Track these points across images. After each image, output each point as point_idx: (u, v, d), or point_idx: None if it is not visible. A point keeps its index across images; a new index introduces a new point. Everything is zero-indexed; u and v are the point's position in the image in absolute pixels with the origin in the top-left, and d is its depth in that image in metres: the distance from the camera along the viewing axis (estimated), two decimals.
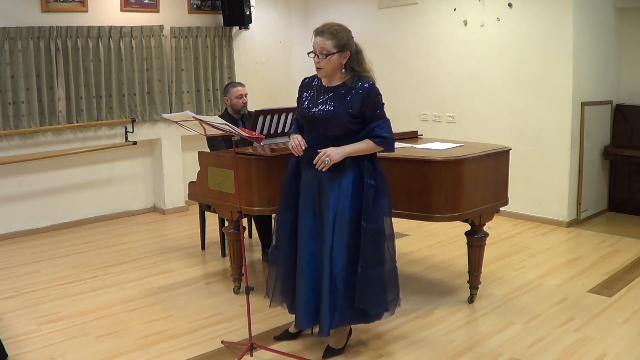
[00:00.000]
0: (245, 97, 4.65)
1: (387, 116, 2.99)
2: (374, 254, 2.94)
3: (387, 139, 2.92)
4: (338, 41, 2.86)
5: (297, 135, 3.02)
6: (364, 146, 2.91)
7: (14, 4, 5.29)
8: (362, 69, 2.95)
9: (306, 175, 3.02)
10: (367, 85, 2.90)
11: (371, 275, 2.94)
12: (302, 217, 3.02)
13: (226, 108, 4.70)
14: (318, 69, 2.92)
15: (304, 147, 2.95)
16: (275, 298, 3.20)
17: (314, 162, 2.88)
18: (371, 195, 2.92)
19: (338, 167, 2.91)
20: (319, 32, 2.88)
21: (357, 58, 2.94)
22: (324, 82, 2.99)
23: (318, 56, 2.87)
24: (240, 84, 4.68)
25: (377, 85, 2.98)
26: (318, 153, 2.87)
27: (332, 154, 2.85)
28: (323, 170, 2.87)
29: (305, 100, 3.04)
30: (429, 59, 6.38)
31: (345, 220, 2.92)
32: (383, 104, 2.97)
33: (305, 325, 3.08)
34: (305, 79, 3.14)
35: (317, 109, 2.95)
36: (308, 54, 2.94)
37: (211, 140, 4.43)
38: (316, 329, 3.20)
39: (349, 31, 2.93)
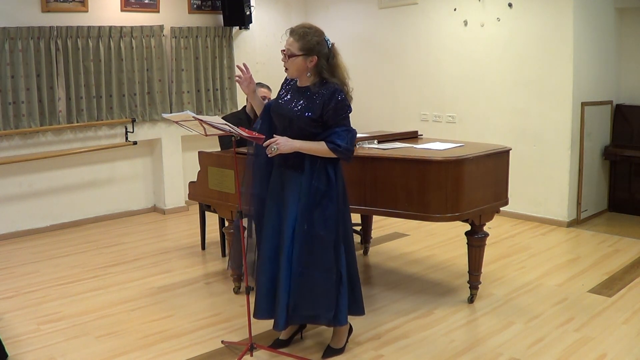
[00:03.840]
0: (268, 101, 4.61)
1: (353, 127, 2.92)
2: (308, 257, 2.90)
3: (340, 148, 2.83)
4: (304, 44, 2.82)
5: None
6: (316, 147, 2.86)
7: (14, 4, 5.29)
8: (331, 75, 2.88)
9: (274, 173, 3.04)
10: (330, 89, 2.84)
11: (303, 277, 2.91)
12: (267, 212, 3.03)
13: (244, 106, 4.67)
14: (285, 69, 2.93)
15: (246, 71, 3.00)
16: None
17: (265, 145, 2.86)
18: (317, 198, 2.88)
19: (296, 164, 2.91)
20: (290, 31, 2.88)
21: (328, 64, 2.88)
22: (298, 81, 2.99)
23: (285, 56, 2.88)
24: (268, 87, 4.63)
25: (351, 92, 2.92)
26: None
27: (281, 143, 2.83)
28: (269, 155, 2.86)
29: (280, 96, 3.06)
30: (429, 59, 6.38)
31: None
32: (348, 112, 2.89)
33: (264, 316, 3.06)
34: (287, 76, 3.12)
35: (283, 108, 2.96)
36: (282, 51, 2.93)
37: (222, 140, 4.43)
38: (307, 333, 3.24)
39: (321, 35, 2.87)
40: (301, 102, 2.90)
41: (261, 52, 7.15)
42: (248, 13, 6.52)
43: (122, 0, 5.92)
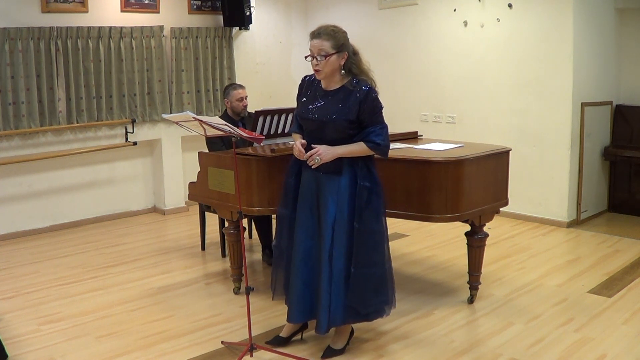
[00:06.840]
0: (246, 99, 4.64)
1: (385, 121, 2.98)
2: (367, 255, 2.95)
3: (380, 146, 2.92)
4: (336, 42, 2.86)
5: (299, 139, 3.03)
6: (356, 148, 2.92)
7: (14, 4, 5.29)
8: (360, 70, 2.95)
9: (306, 175, 3.04)
10: (365, 88, 2.89)
11: (364, 276, 2.96)
12: (299, 215, 3.05)
13: (226, 110, 4.69)
14: (317, 71, 2.92)
15: (304, 152, 2.98)
16: (278, 291, 3.23)
17: (305, 158, 2.90)
18: (364, 196, 2.93)
19: (335, 169, 2.93)
20: (316, 34, 2.88)
21: (355, 59, 2.95)
22: (323, 84, 2.99)
23: (316, 58, 2.87)
24: (241, 86, 4.66)
25: (377, 87, 2.98)
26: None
27: (323, 153, 2.87)
28: (312, 167, 2.90)
29: (305, 101, 3.05)
30: (429, 59, 6.38)
31: (344, 221, 2.94)
32: (381, 108, 2.96)
33: (297, 320, 3.12)
34: (306, 77, 3.13)
35: (315, 114, 2.96)
36: (305, 57, 2.94)
37: (210, 142, 4.43)
38: (307, 333, 3.25)
39: (345, 32, 2.93)
40: (332, 106, 2.91)
41: (261, 53, 7.15)
42: (248, 13, 6.52)
43: (122, 1, 5.92)
